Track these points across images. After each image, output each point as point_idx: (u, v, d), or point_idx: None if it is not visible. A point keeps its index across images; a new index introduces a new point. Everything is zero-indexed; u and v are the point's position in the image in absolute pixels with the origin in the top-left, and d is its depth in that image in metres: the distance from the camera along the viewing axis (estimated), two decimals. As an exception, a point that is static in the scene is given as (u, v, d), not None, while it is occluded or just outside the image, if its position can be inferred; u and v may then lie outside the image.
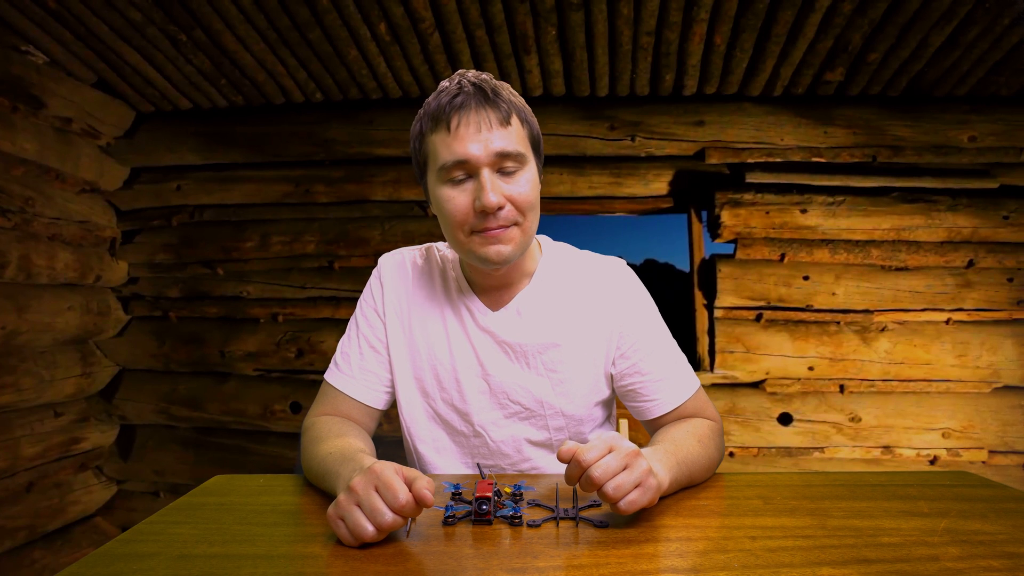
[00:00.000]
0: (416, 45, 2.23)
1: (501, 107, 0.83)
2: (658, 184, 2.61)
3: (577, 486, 0.66)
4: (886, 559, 0.57)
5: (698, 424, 0.90)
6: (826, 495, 0.77)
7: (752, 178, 2.51)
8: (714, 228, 2.55)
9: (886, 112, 2.50)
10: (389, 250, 1.06)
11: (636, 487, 0.64)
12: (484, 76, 0.86)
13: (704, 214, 2.64)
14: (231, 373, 2.71)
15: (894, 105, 2.50)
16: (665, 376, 0.95)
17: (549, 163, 2.60)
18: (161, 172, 2.75)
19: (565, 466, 0.96)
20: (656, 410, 0.94)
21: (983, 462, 2.41)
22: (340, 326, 2.58)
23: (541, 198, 0.92)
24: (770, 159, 2.53)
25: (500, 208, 0.82)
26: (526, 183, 0.85)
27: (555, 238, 1.07)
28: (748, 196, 2.51)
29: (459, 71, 0.88)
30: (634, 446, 0.68)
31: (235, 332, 2.71)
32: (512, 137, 0.83)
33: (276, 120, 2.70)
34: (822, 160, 2.52)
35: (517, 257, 0.88)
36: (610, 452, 0.65)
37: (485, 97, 0.82)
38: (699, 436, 0.86)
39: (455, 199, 0.84)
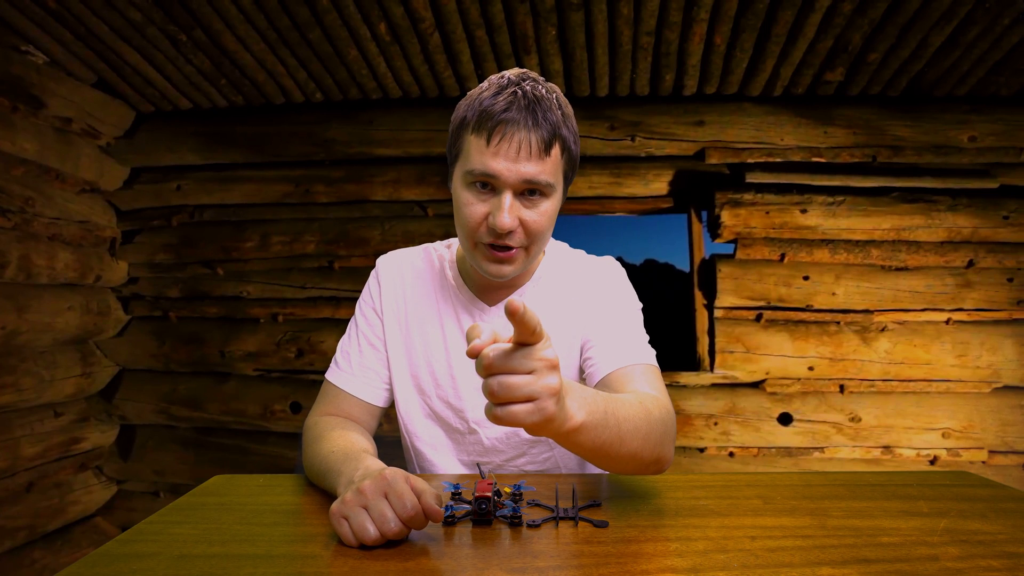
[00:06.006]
0: (416, 45, 2.23)
1: (547, 133, 0.79)
2: (658, 184, 2.61)
3: (573, 485, 0.66)
4: (886, 559, 0.57)
5: (647, 395, 0.79)
6: (826, 495, 0.77)
7: (752, 178, 2.50)
8: (714, 228, 2.55)
9: (886, 112, 2.50)
10: (389, 250, 1.08)
11: (527, 400, 0.53)
12: (542, 91, 0.82)
13: (704, 214, 2.64)
14: (231, 373, 2.71)
15: (894, 105, 2.50)
16: (613, 344, 0.90)
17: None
18: (161, 172, 2.75)
19: (564, 472, 0.98)
20: (597, 374, 0.88)
21: (983, 462, 2.41)
22: (340, 326, 2.58)
23: None
24: (770, 159, 2.53)
25: (511, 231, 0.83)
26: (544, 213, 0.84)
27: (555, 238, 1.07)
28: (748, 196, 2.51)
29: (522, 72, 0.84)
30: (555, 356, 0.55)
31: (235, 332, 2.71)
32: (547, 167, 0.81)
33: (276, 120, 2.70)
34: (822, 160, 2.52)
35: (516, 275, 0.89)
36: (521, 348, 0.53)
37: (535, 119, 0.79)
38: (642, 401, 0.74)
39: (472, 206, 0.84)
